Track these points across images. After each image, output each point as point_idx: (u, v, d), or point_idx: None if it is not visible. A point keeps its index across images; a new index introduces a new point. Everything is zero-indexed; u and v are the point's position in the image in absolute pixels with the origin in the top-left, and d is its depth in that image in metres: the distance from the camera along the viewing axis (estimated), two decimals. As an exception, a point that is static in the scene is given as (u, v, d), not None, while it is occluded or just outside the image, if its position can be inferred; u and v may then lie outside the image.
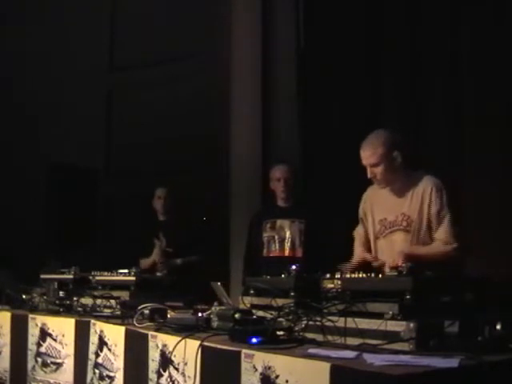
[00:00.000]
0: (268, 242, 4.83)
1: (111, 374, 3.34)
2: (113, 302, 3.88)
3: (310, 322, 2.51)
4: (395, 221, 3.56)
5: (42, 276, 4.62)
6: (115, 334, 3.35)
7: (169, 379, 2.83)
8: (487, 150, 5.02)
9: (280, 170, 4.90)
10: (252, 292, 3.17)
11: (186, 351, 2.70)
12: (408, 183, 3.54)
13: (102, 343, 3.45)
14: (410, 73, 5.52)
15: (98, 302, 3.96)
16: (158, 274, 4.91)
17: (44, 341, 3.92)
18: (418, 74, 5.48)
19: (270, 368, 2.25)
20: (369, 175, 3.54)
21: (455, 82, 5.30)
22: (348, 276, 2.60)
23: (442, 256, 3.40)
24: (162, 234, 5.56)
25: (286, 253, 4.77)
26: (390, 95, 5.60)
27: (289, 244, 4.76)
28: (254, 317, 2.78)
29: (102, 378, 3.42)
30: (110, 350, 3.38)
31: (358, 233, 3.83)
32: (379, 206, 3.67)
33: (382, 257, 3.54)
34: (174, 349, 2.78)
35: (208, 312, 3.01)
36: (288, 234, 4.77)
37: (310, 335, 2.51)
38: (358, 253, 3.70)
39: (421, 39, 5.48)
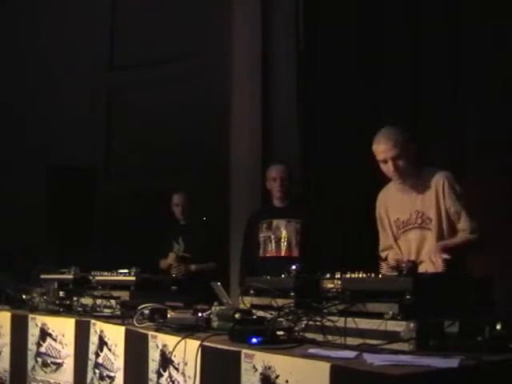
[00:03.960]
0: (264, 242, 4.84)
1: (111, 374, 3.34)
2: (113, 302, 3.87)
3: (310, 322, 2.51)
4: (409, 219, 3.53)
5: (42, 276, 4.62)
6: (115, 334, 3.35)
7: (169, 379, 2.83)
8: (488, 150, 5.03)
9: (276, 169, 4.90)
10: (252, 292, 3.17)
11: (186, 351, 2.70)
12: (419, 180, 3.51)
13: (102, 343, 3.45)
14: (410, 72, 5.53)
15: (98, 302, 3.96)
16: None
17: (44, 341, 3.92)
18: (418, 73, 5.48)
19: (269, 368, 2.25)
20: (391, 168, 3.43)
21: (455, 81, 5.30)
22: (348, 276, 2.60)
23: (470, 245, 3.39)
24: (182, 239, 5.58)
25: (283, 253, 4.78)
26: (390, 95, 5.59)
27: (285, 244, 4.77)
28: (254, 317, 2.78)
29: (102, 377, 3.42)
30: (110, 349, 3.38)
31: (386, 246, 3.71)
32: (392, 207, 3.64)
33: (403, 256, 3.51)
34: (174, 349, 2.78)
35: (208, 312, 3.01)
36: (284, 233, 4.78)
37: (309, 335, 2.51)
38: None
39: (420, 38, 5.49)
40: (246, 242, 5.03)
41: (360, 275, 2.55)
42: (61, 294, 4.27)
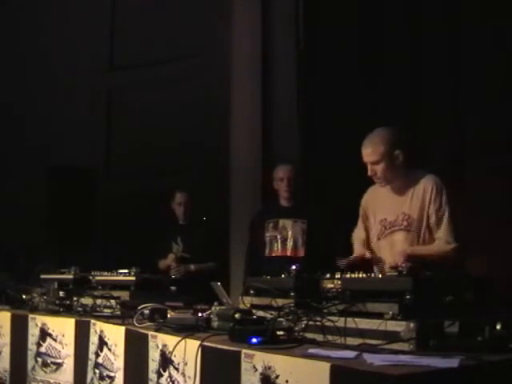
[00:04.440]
0: (270, 242, 4.84)
1: (111, 374, 3.34)
2: (113, 302, 3.88)
3: (310, 322, 2.51)
4: (395, 221, 3.54)
5: (42, 276, 4.62)
6: (115, 334, 3.35)
7: (169, 379, 2.83)
8: (488, 150, 5.03)
9: (283, 169, 4.90)
10: (252, 292, 3.17)
11: (186, 351, 2.70)
12: (408, 182, 3.53)
13: (102, 343, 3.45)
14: (410, 72, 5.53)
15: (98, 302, 3.96)
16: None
17: (44, 341, 3.92)
18: (418, 73, 5.48)
19: (269, 368, 2.25)
20: (369, 173, 3.52)
21: (455, 81, 5.31)
22: (348, 276, 2.60)
23: (442, 255, 3.40)
24: (180, 239, 5.57)
25: (288, 253, 4.77)
26: (390, 95, 5.60)
27: (291, 244, 4.77)
28: (254, 317, 2.78)
29: (102, 377, 3.42)
30: (110, 349, 3.38)
31: (358, 235, 3.80)
32: (379, 206, 3.66)
33: (385, 257, 3.53)
34: (174, 349, 2.78)
35: (208, 312, 3.01)
36: (290, 233, 4.77)
37: (309, 335, 2.51)
38: (358, 250, 3.69)
39: (420, 38, 5.49)
40: (251, 241, 5.02)
41: (360, 275, 2.55)
42: (61, 294, 4.27)
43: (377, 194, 3.69)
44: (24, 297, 4.46)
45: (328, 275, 2.68)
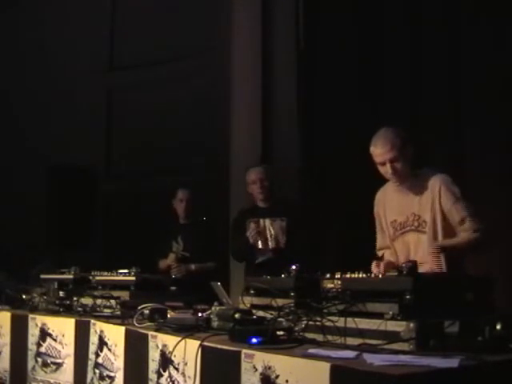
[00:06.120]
0: (253, 241, 4.88)
1: (111, 374, 3.34)
2: (113, 302, 3.88)
3: (310, 322, 2.52)
4: (406, 222, 3.50)
5: (42, 276, 4.62)
6: (115, 334, 3.35)
7: (169, 379, 2.83)
8: (488, 150, 5.03)
9: (254, 172, 5.01)
10: (252, 292, 3.17)
11: (186, 351, 2.70)
12: (416, 182, 3.48)
13: (102, 343, 3.45)
14: (410, 72, 5.53)
15: (98, 302, 3.96)
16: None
17: (44, 341, 3.92)
18: (418, 73, 5.48)
19: (270, 368, 2.25)
20: (389, 171, 3.41)
21: (455, 81, 5.31)
22: (348, 276, 2.60)
23: (471, 244, 3.36)
24: (181, 238, 5.57)
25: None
26: (390, 95, 5.60)
27: (273, 242, 4.82)
28: (254, 317, 2.78)
29: (102, 378, 3.42)
30: (110, 350, 3.38)
31: (382, 245, 3.71)
32: (389, 207, 3.61)
33: (400, 258, 3.48)
34: (174, 349, 2.78)
35: (208, 312, 3.01)
36: (271, 232, 4.83)
37: (310, 335, 2.51)
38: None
39: (420, 38, 5.49)
40: (236, 240, 5.05)
41: (360, 275, 2.55)
42: (61, 294, 4.27)
43: (386, 196, 3.64)
44: (24, 297, 4.47)
45: (328, 275, 2.68)
